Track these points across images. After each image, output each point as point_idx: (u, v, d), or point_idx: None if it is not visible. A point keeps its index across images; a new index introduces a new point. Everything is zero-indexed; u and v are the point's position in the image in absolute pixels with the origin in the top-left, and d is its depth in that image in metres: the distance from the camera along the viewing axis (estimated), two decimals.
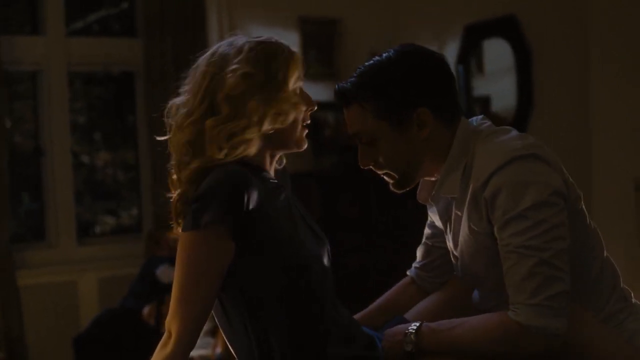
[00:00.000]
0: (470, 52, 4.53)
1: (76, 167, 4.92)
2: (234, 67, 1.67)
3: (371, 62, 1.79)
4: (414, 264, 2.05)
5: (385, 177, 1.84)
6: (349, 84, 1.78)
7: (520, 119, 4.19)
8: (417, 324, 1.70)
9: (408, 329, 1.69)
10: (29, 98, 4.86)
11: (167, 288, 4.12)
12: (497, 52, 4.40)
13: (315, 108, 1.77)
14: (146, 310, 4.14)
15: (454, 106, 1.79)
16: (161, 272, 4.20)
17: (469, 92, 4.55)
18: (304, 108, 1.74)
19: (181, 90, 1.76)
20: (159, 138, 1.77)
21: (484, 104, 4.57)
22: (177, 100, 1.75)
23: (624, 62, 3.71)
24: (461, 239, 1.78)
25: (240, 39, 1.74)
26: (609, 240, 1.91)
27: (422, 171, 1.80)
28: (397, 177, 1.81)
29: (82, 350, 4.01)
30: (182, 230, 1.63)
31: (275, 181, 1.75)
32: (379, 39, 4.87)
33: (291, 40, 4.89)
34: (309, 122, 1.77)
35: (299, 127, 1.75)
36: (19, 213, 4.86)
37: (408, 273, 2.07)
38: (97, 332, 4.04)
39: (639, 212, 3.65)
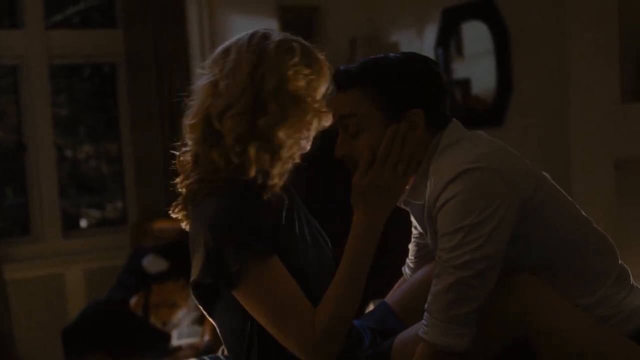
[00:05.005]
0: (449, 36, 4.54)
1: (59, 161, 4.91)
2: (295, 67, 1.74)
3: (378, 56, 1.81)
4: (407, 261, 2.10)
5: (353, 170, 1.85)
6: (353, 67, 1.79)
7: (500, 100, 4.22)
8: None
9: None
10: (11, 92, 4.84)
11: (154, 278, 4.16)
12: (475, 35, 4.41)
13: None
14: (133, 300, 4.15)
15: (443, 117, 1.81)
16: (147, 262, 4.21)
17: (449, 75, 4.57)
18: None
19: (204, 71, 1.75)
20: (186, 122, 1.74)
21: (464, 86, 4.59)
22: (203, 81, 1.73)
23: (601, 42, 3.74)
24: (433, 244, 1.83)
25: (273, 33, 1.85)
26: None
27: None
28: None
29: (71, 342, 4.02)
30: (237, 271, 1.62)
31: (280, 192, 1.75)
32: (359, 25, 4.88)
33: (270, 28, 4.90)
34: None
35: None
36: (3, 208, 4.85)
37: (402, 270, 2.12)
38: (85, 324, 4.05)
39: (619, 191, 3.69)
